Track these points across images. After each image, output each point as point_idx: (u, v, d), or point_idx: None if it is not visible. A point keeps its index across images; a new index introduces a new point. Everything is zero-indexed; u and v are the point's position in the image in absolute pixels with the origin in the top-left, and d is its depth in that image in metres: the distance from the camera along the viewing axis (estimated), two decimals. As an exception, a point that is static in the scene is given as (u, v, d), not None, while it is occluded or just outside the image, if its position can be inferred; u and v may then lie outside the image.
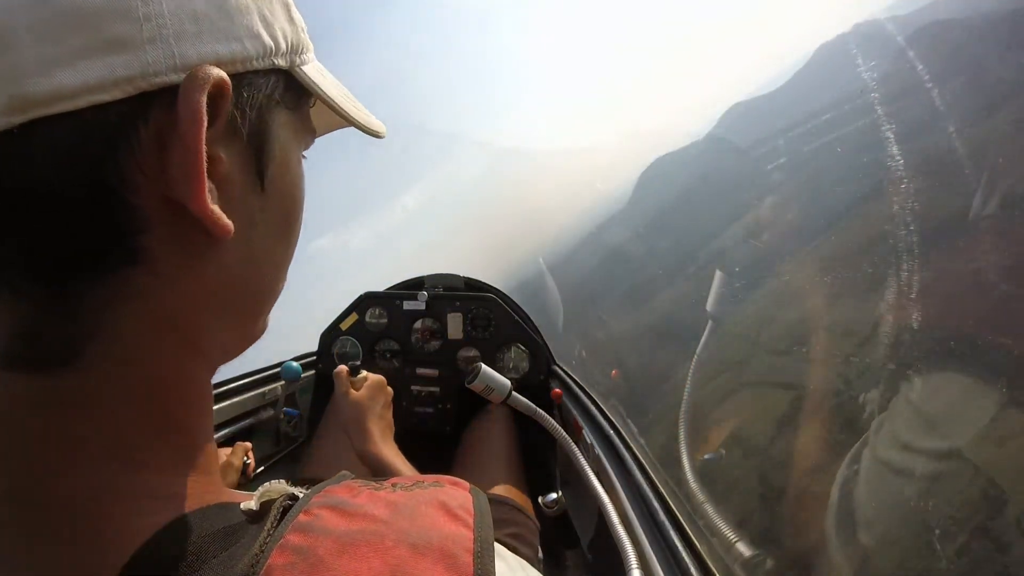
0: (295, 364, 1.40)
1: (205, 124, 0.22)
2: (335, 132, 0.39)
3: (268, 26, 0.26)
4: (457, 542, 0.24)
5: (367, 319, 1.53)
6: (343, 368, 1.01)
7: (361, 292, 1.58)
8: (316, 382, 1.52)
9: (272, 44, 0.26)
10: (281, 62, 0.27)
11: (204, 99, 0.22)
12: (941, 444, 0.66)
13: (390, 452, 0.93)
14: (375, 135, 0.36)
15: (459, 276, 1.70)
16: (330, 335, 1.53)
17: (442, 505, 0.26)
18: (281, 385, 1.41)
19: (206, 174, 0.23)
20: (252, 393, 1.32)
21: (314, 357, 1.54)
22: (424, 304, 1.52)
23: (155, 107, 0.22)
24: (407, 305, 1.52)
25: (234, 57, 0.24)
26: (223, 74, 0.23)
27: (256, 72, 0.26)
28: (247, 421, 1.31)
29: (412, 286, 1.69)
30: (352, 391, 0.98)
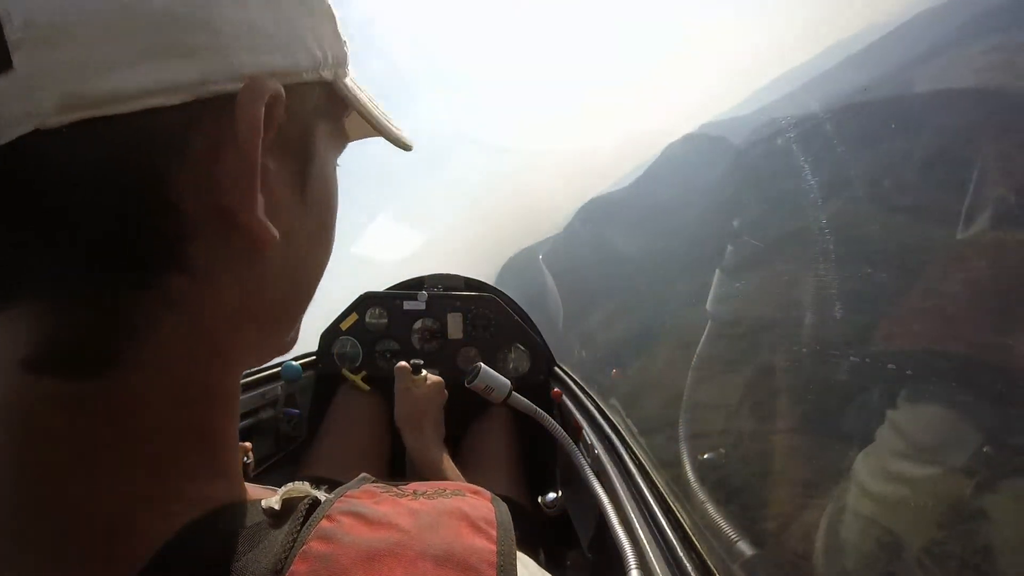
0: (295, 364, 1.40)
1: (262, 135, 0.22)
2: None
3: (317, 39, 0.27)
4: (480, 556, 0.24)
5: (367, 319, 1.53)
6: (405, 365, 1.00)
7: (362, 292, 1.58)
8: (316, 382, 1.52)
9: (321, 57, 0.27)
10: (327, 75, 0.28)
11: (262, 110, 0.22)
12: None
13: (441, 456, 0.93)
14: (404, 147, 0.37)
15: (459, 276, 1.70)
16: (330, 335, 1.53)
17: (464, 516, 0.26)
18: (281, 385, 1.41)
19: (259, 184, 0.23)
20: (252, 393, 1.32)
21: (314, 357, 1.54)
22: (424, 304, 1.52)
23: (209, 115, 0.22)
24: (407, 305, 1.52)
25: (287, 69, 0.25)
26: (279, 86, 0.23)
27: (304, 84, 0.26)
28: (247, 421, 1.30)
29: (412, 286, 1.69)
30: (414, 389, 0.97)
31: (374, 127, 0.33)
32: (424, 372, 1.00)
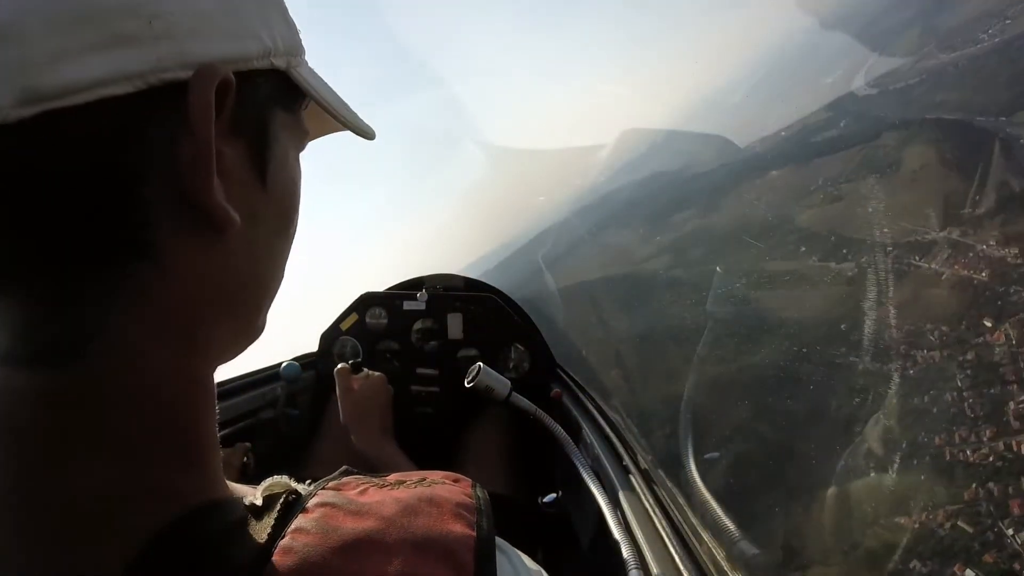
0: (295, 364, 1.40)
1: (214, 117, 0.23)
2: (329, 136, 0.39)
3: (267, 27, 0.27)
4: (459, 541, 0.24)
5: (367, 319, 1.53)
6: (344, 366, 1.02)
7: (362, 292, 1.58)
8: (316, 382, 1.52)
9: (271, 45, 0.27)
10: (279, 63, 0.28)
11: (212, 93, 0.23)
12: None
13: (391, 449, 0.95)
14: (365, 136, 0.37)
15: (459, 276, 1.70)
16: (330, 335, 1.53)
17: (444, 503, 0.26)
18: (281, 385, 1.40)
19: (215, 166, 0.23)
20: (252, 393, 1.32)
21: (314, 357, 1.54)
22: (424, 304, 1.52)
23: (164, 103, 0.22)
24: (407, 305, 1.52)
25: (236, 56, 0.25)
26: (229, 72, 0.24)
27: (256, 72, 0.27)
28: (247, 421, 1.30)
29: (412, 286, 1.69)
30: (354, 388, 0.99)
31: (331, 114, 0.33)
32: (365, 370, 1.02)
